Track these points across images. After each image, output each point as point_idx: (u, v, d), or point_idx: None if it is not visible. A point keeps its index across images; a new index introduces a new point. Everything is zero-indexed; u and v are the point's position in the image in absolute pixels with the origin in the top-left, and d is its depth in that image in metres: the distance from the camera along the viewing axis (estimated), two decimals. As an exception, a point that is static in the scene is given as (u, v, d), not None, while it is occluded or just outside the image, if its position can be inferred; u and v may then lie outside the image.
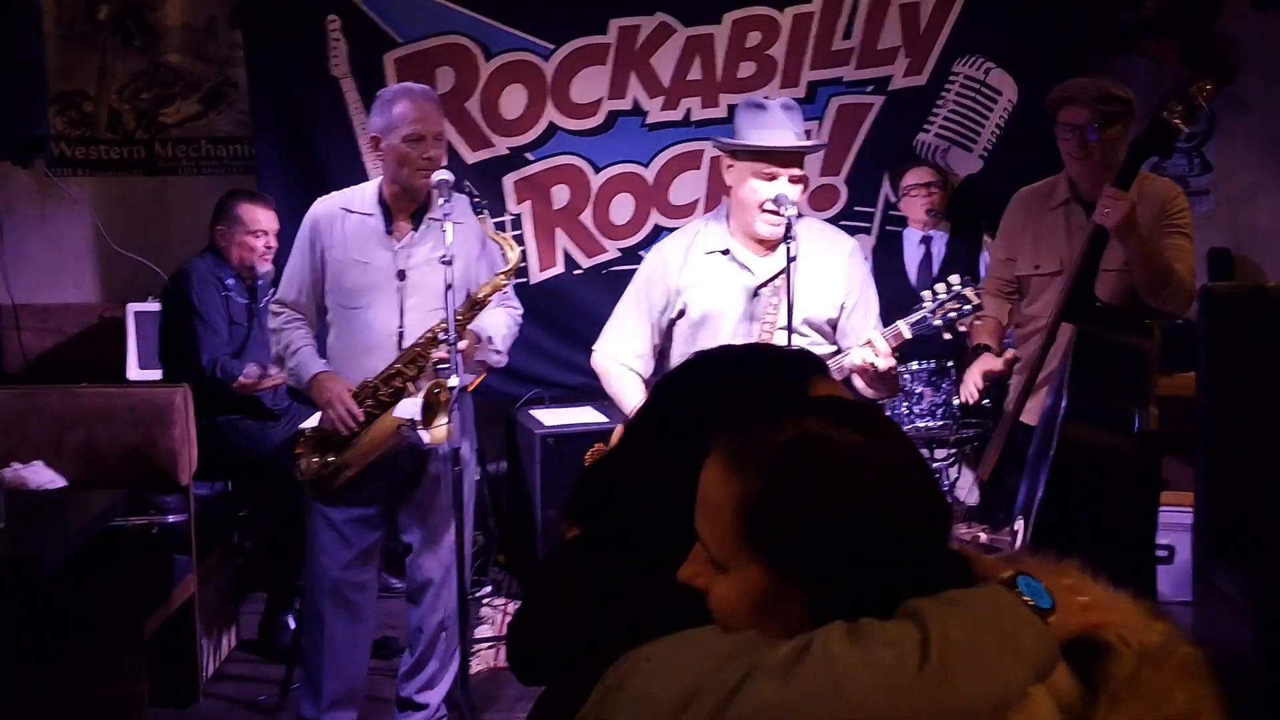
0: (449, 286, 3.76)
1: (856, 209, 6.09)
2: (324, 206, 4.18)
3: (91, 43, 6.14)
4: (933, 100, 6.17)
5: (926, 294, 3.81)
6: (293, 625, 5.08)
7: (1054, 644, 1.33)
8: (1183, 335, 5.59)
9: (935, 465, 5.72)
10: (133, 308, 5.88)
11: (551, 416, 5.84)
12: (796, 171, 3.74)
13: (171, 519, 4.69)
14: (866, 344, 3.67)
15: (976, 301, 3.80)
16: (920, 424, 5.43)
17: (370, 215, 4.10)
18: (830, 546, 1.32)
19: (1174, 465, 4.54)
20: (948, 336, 4.07)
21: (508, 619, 5.48)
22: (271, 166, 5.79)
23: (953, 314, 3.77)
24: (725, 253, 3.83)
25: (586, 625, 1.54)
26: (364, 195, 4.15)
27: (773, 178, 3.71)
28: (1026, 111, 6.09)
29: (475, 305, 4.03)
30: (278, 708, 4.62)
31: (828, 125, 6.02)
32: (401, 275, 4.05)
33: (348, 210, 4.12)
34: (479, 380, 4.81)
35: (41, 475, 4.25)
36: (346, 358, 4.12)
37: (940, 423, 5.46)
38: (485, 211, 3.99)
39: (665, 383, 1.75)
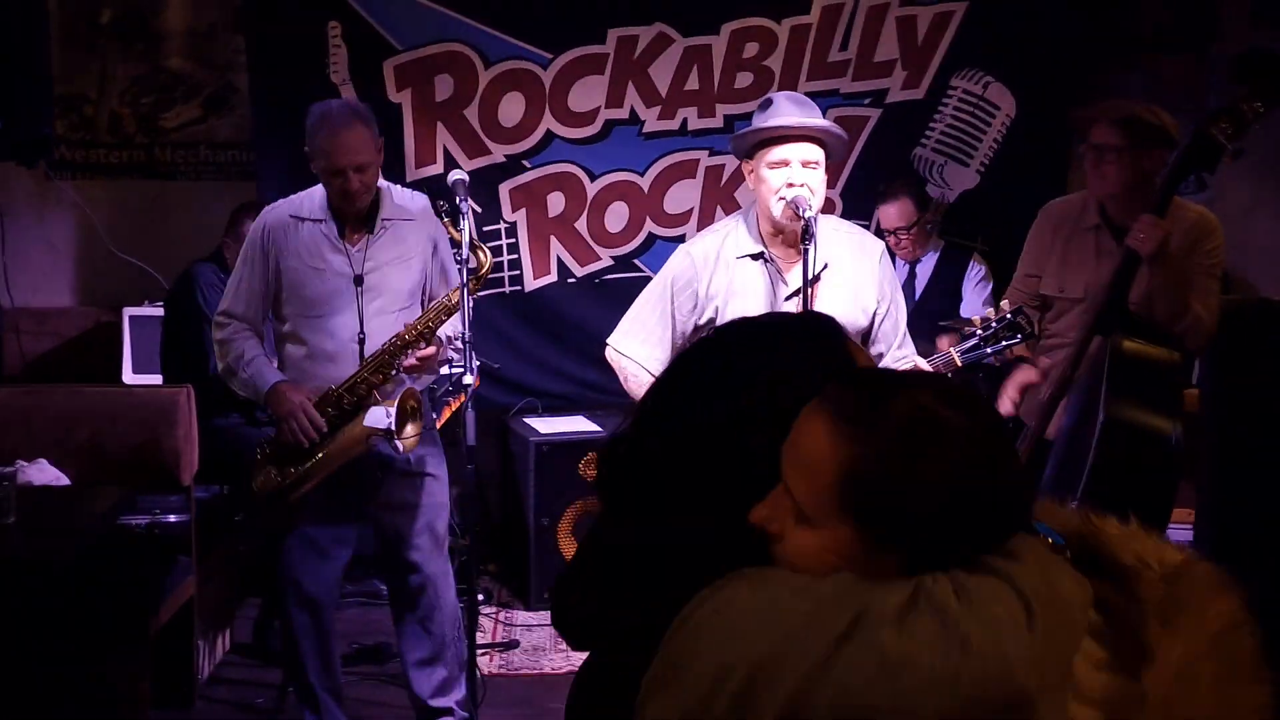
0: (463, 285, 3.83)
1: (851, 221, 6.14)
2: (273, 215, 4.17)
3: (93, 46, 6.20)
4: (930, 114, 6.24)
5: (976, 318, 3.86)
6: (285, 630, 5.21)
7: (1086, 583, 1.40)
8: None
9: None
10: (128, 312, 5.95)
11: (545, 425, 5.93)
12: (808, 156, 3.72)
13: (172, 519, 4.75)
14: (914, 369, 3.72)
15: (1030, 330, 3.83)
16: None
17: (321, 221, 4.10)
18: (931, 522, 1.37)
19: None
20: (996, 364, 4.16)
21: (498, 627, 5.61)
22: (271, 172, 5.80)
23: (1004, 342, 3.82)
24: (759, 257, 3.84)
25: (624, 589, 1.58)
26: (313, 201, 4.15)
27: (785, 164, 3.71)
28: (1025, 126, 6.22)
29: (447, 311, 4.05)
30: (274, 711, 4.70)
31: (823, 137, 6.14)
32: (359, 280, 4.06)
33: (298, 218, 4.12)
34: (474, 386, 4.90)
35: (46, 473, 4.33)
36: (309, 368, 4.12)
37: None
38: (448, 218, 3.97)
39: (693, 350, 1.77)
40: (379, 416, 3.96)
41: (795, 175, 3.71)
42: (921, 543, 1.38)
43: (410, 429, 4.01)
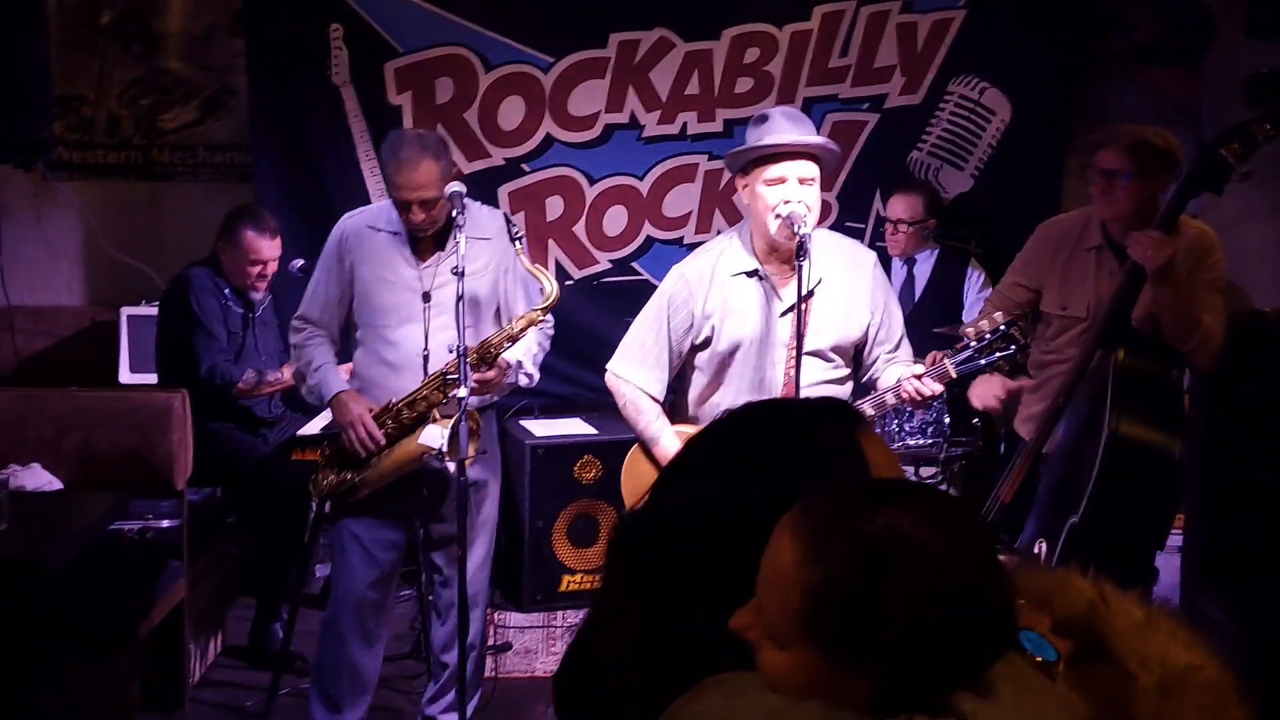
0: (460, 299, 3.79)
1: (847, 225, 6.11)
2: (352, 223, 4.18)
3: (92, 48, 6.17)
4: (927, 119, 6.25)
5: (970, 330, 3.82)
6: (280, 634, 5.13)
7: (1079, 709, 1.34)
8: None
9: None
10: (125, 311, 5.92)
11: (541, 427, 5.91)
12: (805, 174, 3.69)
13: (164, 524, 4.73)
14: (910, 384, 3.71)
15: (1024, 342, 3.79)
16: (910, 442, 5.45)
17: (397, 234, 4.10)
18: (898, 652, 1.31)
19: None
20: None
21: (491, 629, 5.55)
22: (269, 173, 5.83)
23: (999, 354, 3.78)
24: (753, 274, 3.81)
25: (634, 674, 1.53)
26: (390, 214, 4.14)
27: (782, 181, 3.67)
28: (1019, 132, 6.22)
29: (510, 339, 4.03)
30: (264, 715, 4.67)
31: (823, 142, 6.12)
32: (427, 297, 4.05)
33: (374, 228, 4.13)
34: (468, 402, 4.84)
35: (39, 477, 4.29)
36: (375, 377, 4.14)
37: (930, 441, 5.46)
38: (521, 243, 3.96)
39: (705, 435, 1.70)
40: (434, 436, 3.96)
41: (792, 192, 3.68)
42: (890, 672, 1.32)
43: (469, 449, 3.94)
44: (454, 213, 3.91)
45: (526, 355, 4.20)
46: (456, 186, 3.97)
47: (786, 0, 6.04)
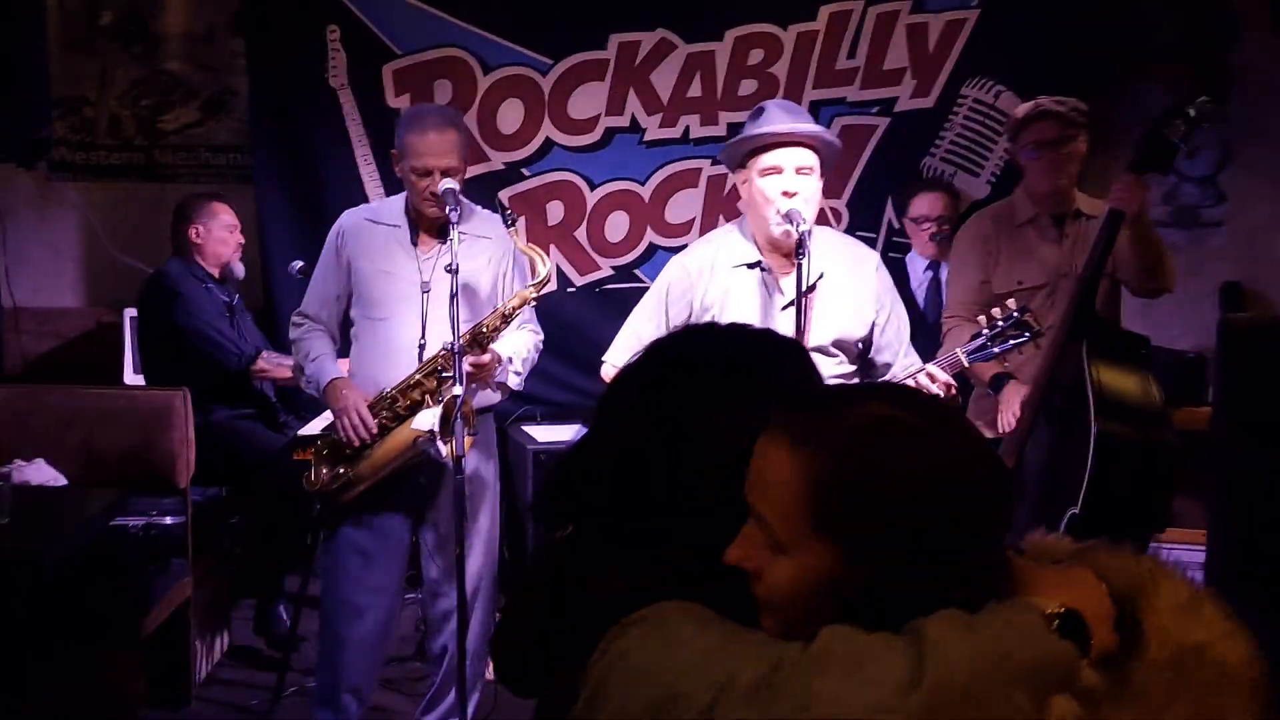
0: (453, 295, 3.86)
1: (858, 233, 5.99)
2: (351, 218, 4.28)
3: (93, 49, 6.28)
4: (940, 123, 6.28)
5: (982, 318, 3.85)
6: (285, 616, 5.30)
7: (1069, 664, 1.32)
8: (1191, 369, 5.72)
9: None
10: (130, 313, 6.02)
11: (543, 433, 6.00)
12: (802, 163, 3.72)
13: (168, 520, 4.82)
14: (924, 374, 3.75)
15: (1038, 328, 3.83)
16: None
17: (397, 226, 4.19)
18: (908, 524, 1.34)
19: (1183, 501, 4.66)
20: (1006, 365, 4.17)
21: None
22: (269, 175, 5.91)
23: (1012, 341, 3.81)
24: (755, 265, 3.84)
25: (567, 634, 1.55)
26: (391, 207, 4.27)
27: (778, 171, 3.71)
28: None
29: (503, 318, 4.10)
30: (269, 713, 4.80)
31: (831, 146, 6.15)
32: (425, 287, 4.12)
33: (374, 221, 4.23)
34: (462, 397, 4.96)
35: (43, 473, 4.38)
36: (370, 369, 4.18)
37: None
38: (517, 224, 4.09)
39: (632, 370, 1.72)
40: (425, 419, 3.98)
41: (789, 183, 3.72)
42: (894, 554, 1.35)
43: (460, 435, 3.96)
44: (448, 209, 3.97)
45: (516, 356, 4.26)
46: (449, 184, 4.04)
47: (791, 0, 6.09)
